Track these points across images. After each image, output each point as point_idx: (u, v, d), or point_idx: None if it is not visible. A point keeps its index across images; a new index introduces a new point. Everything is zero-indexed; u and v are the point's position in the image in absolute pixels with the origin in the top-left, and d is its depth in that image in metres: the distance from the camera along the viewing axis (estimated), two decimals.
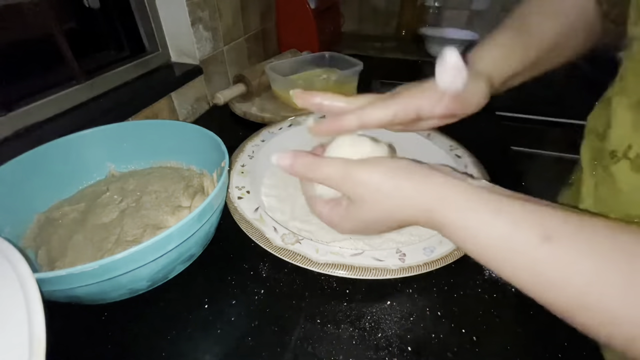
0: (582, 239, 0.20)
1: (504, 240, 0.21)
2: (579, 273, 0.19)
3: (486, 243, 0.22)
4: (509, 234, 0.21)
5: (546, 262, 0.20)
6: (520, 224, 0.21)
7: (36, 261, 0.37)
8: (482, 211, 0.22)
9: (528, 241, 0.20)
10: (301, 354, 0.31)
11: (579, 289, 0.19)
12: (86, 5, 0.56)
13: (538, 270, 0.21)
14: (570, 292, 0.20)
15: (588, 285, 0.19)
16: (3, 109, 0.44)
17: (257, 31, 0.93)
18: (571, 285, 0.19)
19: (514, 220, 0.21)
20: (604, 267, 0.19)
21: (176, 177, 0.46)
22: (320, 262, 0.34)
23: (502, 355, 0.31)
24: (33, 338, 0.21)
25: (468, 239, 0.23)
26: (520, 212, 0.22)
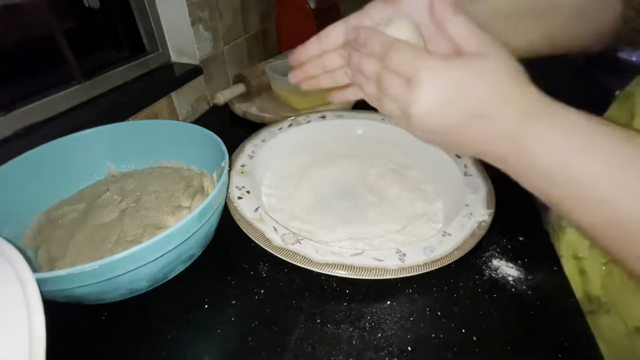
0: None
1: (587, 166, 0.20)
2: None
3: (571, 162, 0.21)
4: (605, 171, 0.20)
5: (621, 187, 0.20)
6: (603, 148, 0.20)
7: (36, 261, 0.37)
8: (573, 132, 0.21)
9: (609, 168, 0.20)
10: (301, 354, 0.31)
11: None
12: (86, 5, 0.56)
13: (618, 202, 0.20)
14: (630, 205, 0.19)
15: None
16: (3, 109, 0.44)
17: (257, 31, 0.93)
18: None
19: (598, 145, 0.20)
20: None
21: (176, 177, 0.46)
22: (320, 262, 0.34)
23: (502, 355, 0.31)
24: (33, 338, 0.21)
25: (548, 156, 0.21)
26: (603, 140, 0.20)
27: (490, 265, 0.38)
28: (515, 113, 0.22)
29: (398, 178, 0.50)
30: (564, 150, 0.21)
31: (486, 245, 0.40)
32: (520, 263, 0.38)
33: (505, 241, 0.41)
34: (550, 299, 0.35)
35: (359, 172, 0.52)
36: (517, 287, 0.36)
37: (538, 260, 0.39)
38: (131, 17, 0.63)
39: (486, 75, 0.22)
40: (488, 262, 0.39)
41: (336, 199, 0.47)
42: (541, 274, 0.37)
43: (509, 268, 0.38)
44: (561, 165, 0.21)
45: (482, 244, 0.37)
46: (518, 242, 0.41)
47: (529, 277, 0.37)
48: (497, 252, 0.40)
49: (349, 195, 0.48)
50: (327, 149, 0.56)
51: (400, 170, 0.52)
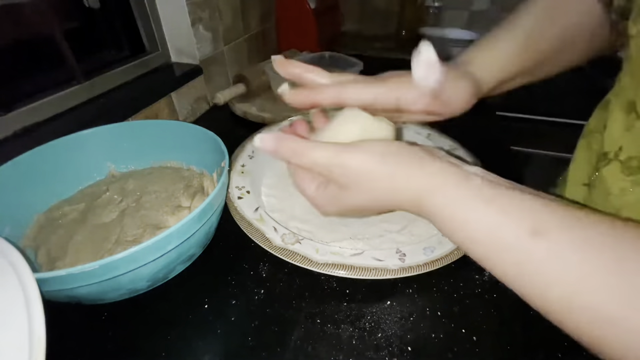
0: (574, 235, 0.19)
1: (492, 231, 0.21)
2: (568, 270, 0.18)
3: (474, 234, 0.22)
4: (497, 225, 0.21)
5: (534, 256, 0.19)
6: (510, 214, 0.20)
7: (36, 261, 0.36)
8: (471, 200, 0.22)
9: (516, 233, 0.20)
10: (301, 354, 0.31)
11: (568, 287, 0.18)
12: (86, 5, 0.56)
13: (525, 265, 0.20)
14: (559, 290, 0.19)
15: (577, 284, 0.18)
16: (3, 109, 0.44)
17: (257, 31, 0.93)
18: (560, 283, 0.19)
19: (504, 211, 0.21)
20: (595, 265, 0.18)
21: (176, 177, 0.46)
22: (320, 262, 0.34)
23: (502, 355, 0.31)
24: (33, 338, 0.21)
25: (456, 230, 0.23)
26: (510, 203, 0.21)
27: None
28: (411, 194, 0.24)
29: None
30: (462, 205, 0.22)
31: None
32: None
33: None
34: None
35: None
36: None
37: None
38: (131, 17, 0.63)
39: (363, 193, 0.25)
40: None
41: None
42: None
43: None
44: (459, 219, 0.23)
45: None
46: None
47: None
48: None
49: None
50: None
51: None
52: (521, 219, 0.20)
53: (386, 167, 0.24)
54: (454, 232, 0.23)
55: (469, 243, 0.23)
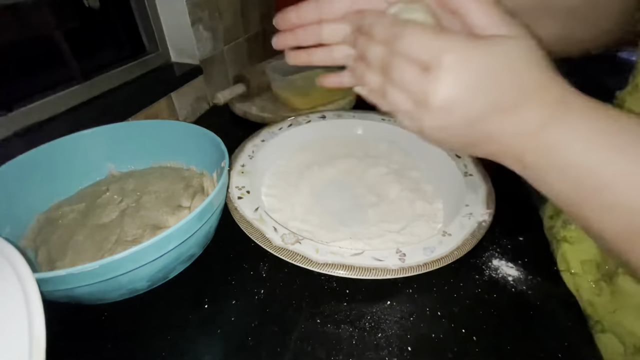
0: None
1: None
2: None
3: (617, 171, 0.18)
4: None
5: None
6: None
7: (36, 261, 0.37)
8: (618, 133, 0.18)
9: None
10: (301, 354, 0.31)
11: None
12: (86, 5, 0.56)
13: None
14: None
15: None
16: (3, 109, 0.44)
17: (257, 31, 0.93)
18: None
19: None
20: None
21: (176, 177, 0.46)
22: (320, 262, 0.34)
23: (502, 355, 0.31)
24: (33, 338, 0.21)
25: (585, 168, 0.19)
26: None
27: (490, 265, 0.38)
28: (542, 106, 0.19)
29: (398, 178, 0.50)
30: (597, 151, 0.18)
31: (486, 245, 0.40)
32: (520, 263, 0.38)
33: (505, 241, 0.41)
34: (550, 299, 0.35)
35: (359, 172, 0.52)
36: (517, 287, 0.36)
37: (538, 260, 0.39)
38: (131, 17, 0.63)
39: (513, 60, 0.19)
40: (488, 262, 0.39)
41: (336, 199, 0.47)
42: (541, 274, 0.37)
43: (509, 268, 0.38)
44: (593, 168, 0.18)
45: (482, 244, 0.37)
46: (518, 242, 0.41)
47: (529, 277, 0.37)
48: (497, 252, 0.40)
49: (349, 195, 0.48)
50: (327, 149, 0.56)
51: (400, 170, 0.52)
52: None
53: (535, 58, 0.19)
54: (569, 157, 0.19)
55: (591, 193, 0.19)
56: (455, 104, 0.19)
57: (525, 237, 0.41)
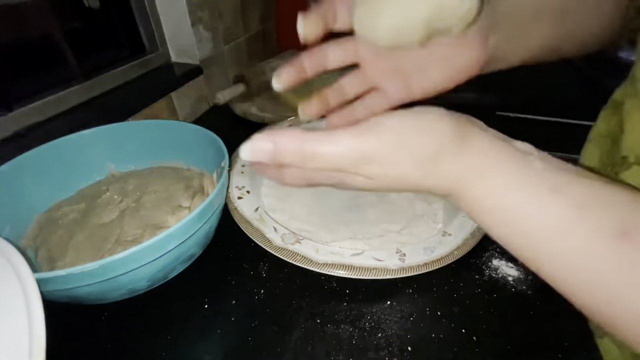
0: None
1: (565, 225, 0.17)
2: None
3: (539, 226, 0.18)
4: (570, 221, 0.17)
5: (617, 261, 0.16)
6: (590, 208, 0.17)
7: (36, 261, 0.37)
8: (533, 188, 0.18)
9: (599, 231, 0.16)
10: (301, 354, 0.31)
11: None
12: (86, 5, 0.56)
13: (603, 269, 0.16)
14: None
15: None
16: (3, 109, 0.44)
17: (257, 31, 0.93)
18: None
19: (581, 203, 0.17)
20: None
21: (176, 177, 0.46)
22: (320, 262, 0.34)
23: (502, 355, 0.31)
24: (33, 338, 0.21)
25: (505, 224, 0.19)
26: (586, 194, 0.17)
27: (490, 265, 0.38)
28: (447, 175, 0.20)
29: None
30: (500, 188, 0.19)
31: (486, 245, 0.40)
32: (520, 263, 0.38)
33: None
34: (550, 299, 0.35)
35: None
36: (517, 287, 0.36)
37: None
38: (131, 17, 0.63)
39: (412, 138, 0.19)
40: (488, 262, 0.39)
41: (336, 199, 0.47)
42: None
43: (509, 268, 0.38)
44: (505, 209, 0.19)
45: (482, 244, 0.37)
46: None
47: (529, 277, 0.37)
48: (497, 252, 0.40)
49: (349, 195, 0.48)
50: None
51: None
52: (605, 213, 0.16)
53: (417, 147, 0.19)
54: (505, 230, 0.19)
55: (523, 242, 0.19)
56: (377, 183, 0.20)
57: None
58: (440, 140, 0.19)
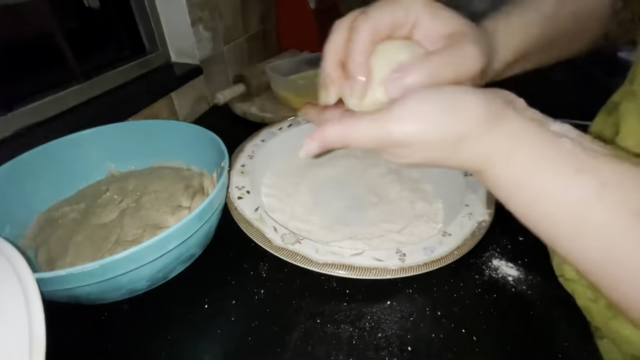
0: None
1: (585, 203, 0.18)
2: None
3: (559, 203, 0.18)
4: (595, 197, 0.17)
5: (632, 240, 0.17)
6: (612, 188, 0.17)
7: (36, 261, 0.37)
8: (559, 167, 0.18)
9: (617, 212, 0.17)
10: (301, 354, 0.31)
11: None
12: (86, 5, 0.56)
13: (617, 246, 0.17)
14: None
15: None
16: (3, 109, 0.44)
17: (257, 31, 0.93)
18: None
19: (605, 183, 0.17)
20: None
21: (176, 177, 0.46)
22: (320, 262, 0.34)
23: (502, 355, 0.31)
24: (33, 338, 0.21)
25: (531, 197, 0.19)
26: (611, 174, 0.17)
27: (490, 265, 0.38)
28: (488, 142, 0.20)
29: (398, 178, 0.50)
30: (540, 174, 0.19)
31: (486, 245, 0.40)
32: (520, 263, 0.38)
33: (505, 241, 0.41)
34: (550, 299, 0.35)
35: (359, 172, 0.52)
36: (517, 287, 0.36)
37: (538, 260, 0.39)
38: (131, 17, 0.63)
39: (457, 105, 0.20)
40: (488, 262, 0.39)
41: (336, 199, 0.47)
42: (541, 274, 0.37)
43: (509, 268, 0.38)
44: (538, 190, 0.19)
45: (482, 244, 0.37)
46: (518, 242, 0.41)
47: (529, 277, 0.37)
48: (497, 252, 0.40)
49: (349, 195, 0.48)
50: None
51: (400, 170, 0.52)
52: (627, 194, 0.17)
53: (446, 131, 0.20)
54: (524, 206, 0.20)
55: (542, 218, 0.20)
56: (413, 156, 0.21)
57: (525, 237, 0.41)
58: (468, 124, 0.19)
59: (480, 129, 0.19)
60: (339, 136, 0.22)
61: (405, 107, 0.20)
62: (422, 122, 0.20)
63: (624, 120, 0.31)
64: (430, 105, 0.20)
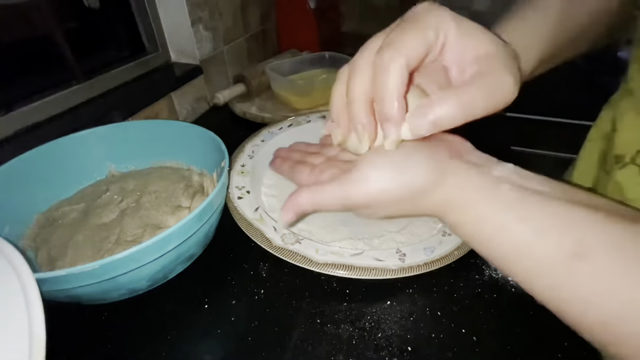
0: (625, 255, 0.17)
1: (525, 252, 0.19)
2: (614, 295, 0.17)
3: (504, 254, 0.20)
4: (532, 245, 0.19)
5: (574, 280, 0.18)
6: (546, 234, 0.18)
7: (36, 261, 0.37)
8: (499, 215, 0.20)
9: (555, 255, 0.18)
10: (301, 354, 0.31)
11: (612, 312, 0.17)
12: (86, 5, 0.56)
13: (563, 288, 0.18)
14: (600, 314, 0.18)
15: (624, 309, 0.17)
16: (3, 109, 0.44)
17: (257, 31, 0.93)
18: (603, 307, 0.17)
19: (540, 230, 0.19)
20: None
21: (176, 177, 0.46)
22: (320, 262, 0.34)
23: (502, 355, 0.31)
24: (33, 338, 0.21)
25: (484, 248, 0.21)
26: (547, 218, 0.19)
27: (490, 265, 0.38)
28: (439, 196, 0.22)
29: None
30: (495, 217, 0.20)
31: None
32: None
33: None
34: None
35: None
36: (517, 287, 0.36)
37: None
38: (131, 17, 0.63)
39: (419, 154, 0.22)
40: (488, 262, 0.38)
41: None
42: None
43: None
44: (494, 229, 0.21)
45: None
46: None
47: None
48: None
49: None
50: None
51: None
52: (561, 238, 0.18)
53: (399, 191, 0.22)
54: (481, 249, 0.22)
55: (498, 261, 0.21)
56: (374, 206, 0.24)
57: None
58: (418, 180, 0.22)
59: (431, 183, 0.22)
60: (309, 203, 0.25)
61: (359, 172, 0.23)
62: (375, 185, 0.22)
63: (621, 117, 0.31)
64: (381, 169, 0.22)
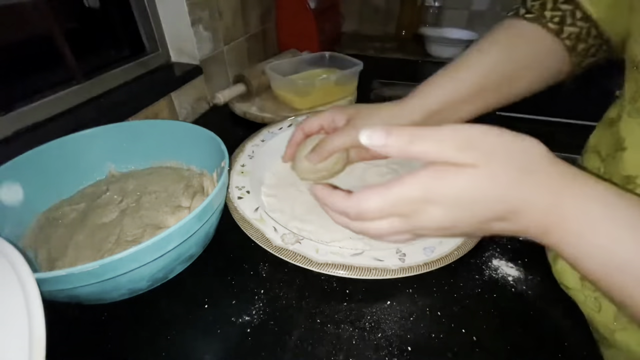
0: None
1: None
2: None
3: (618, 264, 0.19)
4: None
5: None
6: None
7: (36, 261, 0.36)
8: (616, 225, 0.19)
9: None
10: (301, 354, 0.31)
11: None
12: (86, 5, 0.56)
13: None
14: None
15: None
16: (3, 109, 0.44)
17: (257, 31, 0.93)
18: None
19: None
20: None
21: (176, 177, 0.46)
22: (320, 262, 0.34)
23: (502, 355, 0.31)
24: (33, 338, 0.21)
25: (594, 258, 0.20)
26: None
27: (490, 265, 0.38)
28: (543, 201, 0.21)
29: None
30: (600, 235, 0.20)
31: (486, 245, 0.40)
32: (520, 263, 0.38)
33: (505, 241, 0.41)
34: (550, 299, 0.35)
35: (360, 172, 0.52)
36: (517, 287, 0.36)
37: (538, 260, 0.39)
38: (131, 17, 0.63)
39: (488, 181, 0.21)
40: (488, 262, 0.39)
41: None
42: (541, 274, 0.37)
43: (509, 268, 0.38)
44: (607, 243, 0.20)
45: (482, 244, 0.37)
46: (518, 242, 0.41)
47: (529, 277, 0.37)
48: (497, 252, 0.40)
49: None
50: None
51: (400, 170, 0.52)
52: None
53: (513, 165, 0.21)
54: (589, 260, 0.21)
55: (604, 271, 0.20)
56: (438, 230, 0.23)
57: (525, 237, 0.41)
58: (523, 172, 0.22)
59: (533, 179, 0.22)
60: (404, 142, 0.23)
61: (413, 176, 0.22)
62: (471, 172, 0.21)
63: (630, 135, 0.30)
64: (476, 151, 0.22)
